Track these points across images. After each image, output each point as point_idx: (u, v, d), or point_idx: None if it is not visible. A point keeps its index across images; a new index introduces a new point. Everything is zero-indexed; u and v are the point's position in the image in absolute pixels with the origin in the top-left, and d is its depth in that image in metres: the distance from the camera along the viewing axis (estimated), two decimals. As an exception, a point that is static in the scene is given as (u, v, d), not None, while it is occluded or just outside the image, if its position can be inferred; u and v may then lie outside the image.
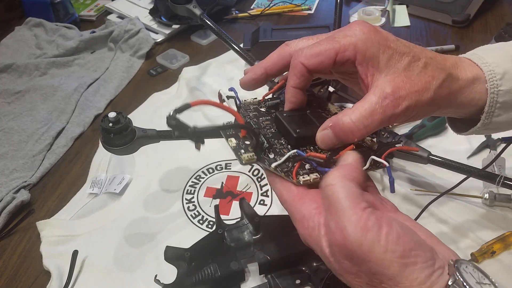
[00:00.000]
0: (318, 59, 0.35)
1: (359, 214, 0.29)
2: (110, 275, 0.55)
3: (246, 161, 0.35)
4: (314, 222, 0.32)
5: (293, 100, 0.38)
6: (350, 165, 0.32)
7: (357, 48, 0.34)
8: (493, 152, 0.63)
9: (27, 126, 0.79)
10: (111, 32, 0.98)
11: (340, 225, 0.29)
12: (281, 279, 0.51)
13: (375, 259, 0.28)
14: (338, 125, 0.34)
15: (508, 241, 0.53)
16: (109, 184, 0.66)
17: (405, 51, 0.34)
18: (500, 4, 1.02)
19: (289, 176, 0.34)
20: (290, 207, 0.34)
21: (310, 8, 1.08)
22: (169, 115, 0.33)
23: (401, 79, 0.33)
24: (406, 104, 0.33)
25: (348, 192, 0.30)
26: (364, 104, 0.33)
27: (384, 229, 0.28)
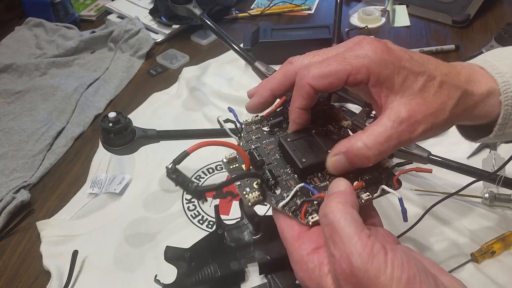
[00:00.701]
0: (327, 81, 0.33)
1: (364, 240, 0.28)
2: (110, 275, 0.55)
3: (253, 203, 0.34)
4: (313, 263, 0.31)
5: (298, 122, 0.37)
6: (345, 192, 0.32)
7: (370, 70, 0.32)
8: (493, 152, 0.63)
9: (27, 126, 0.79)
10: (111, 32, 0.98)
11: (346, 252, 0.28)
12: (281, 279, 0.51)
13: (381, 286, 0.27)
14: (352, 151, 0.33)
15: (508, 241, 0.53)
16: (109, 184, 0.66)
17: (420, 70, 0.33)
18: (500, 4, 1.02)
19: (298, 216, 0.33)
20: (289, 247, 0.33)
21: (310, 8, 1.08)
22: (169, 169, 0.32)
23: (416, 102, 0.32)
24: (423, 128, 0.32)
25: (351, 218, 0.29)
26: (379, 129, 0.32)
27: (389, 255, 0.28)
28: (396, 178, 0.35)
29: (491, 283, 0.50)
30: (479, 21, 0.96)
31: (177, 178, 0.32)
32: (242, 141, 0.39)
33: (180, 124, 0.77)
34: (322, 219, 0.31)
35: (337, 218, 0.29)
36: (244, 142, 0.39)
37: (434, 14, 0.98)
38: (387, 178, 0.36)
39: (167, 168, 0.32)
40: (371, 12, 0.99)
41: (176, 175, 0.32)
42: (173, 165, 0.32)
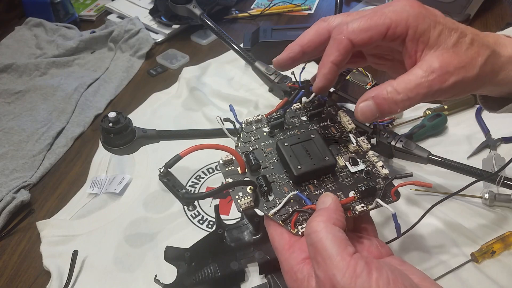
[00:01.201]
0: (367, 34, 0.33)
1: (347, 260, 0.28)
2: (110, 275, 0.55)
3: (244, 209, 0.34)
4: (302, 273, 0.31)
5: (328, 77, 0.35)
6: (330, 209, 0.31)
7: (408, 23, 0.33)
8: (493, 152, 0.63)
9: (27, 126, 0.79)
10: (111, 32, 0.98)
11: (329, 274, 0.28)
12: (281, 279, 0.51)
13: None
14: (381, 95, 0.33)
15: (508, 241, 0.53)
16: (109, 184, 0.66)
17: (454, 27, 0.33)
18: (500, 4, 1.02)
19: (288, 225, 0.33)
20: (279, 255, 0.33)
21: (310, 8, 1.08)
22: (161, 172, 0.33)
23: (449, 55, 0.33)
24: (454, 79, 0.32)
25: (333, 237, 0.29)
26: (410, 76, 0.32)
27: (374, 274, 0.27)
28: (394, 190, 0.35)
29: (491, 283, 0.50)
30: (479, 21, 0.96)
31: (168, 182, 0.32)
32: (240, 142, 0.39)
33: (180, 124, 0.77)
34: (307, 238, 0.30)
35: (319, 238, 0.29)
36: (243, 143, 0.38)
37: (434, 14, 0.98)
38: (386, 189, 0.35)
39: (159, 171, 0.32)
40: (371, 12, 0.99)
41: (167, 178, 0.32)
42: (165, 168, 0.32)
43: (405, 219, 0.56)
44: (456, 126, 0.70)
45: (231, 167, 0.37)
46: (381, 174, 0.36)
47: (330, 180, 0.36)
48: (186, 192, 0.31)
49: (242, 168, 0.35)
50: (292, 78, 0.42)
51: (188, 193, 0.31)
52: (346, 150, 0.38)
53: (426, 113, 0.71)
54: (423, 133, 0.67)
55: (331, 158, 0.36)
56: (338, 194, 0.35)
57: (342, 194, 0.35)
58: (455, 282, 0.50)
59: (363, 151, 0.38)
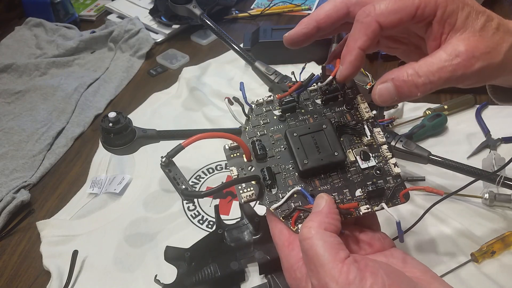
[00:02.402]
0: (397, 16, 0.31)
1: (339, 267, 0.27)
2: (110, 275, 0.55)
3: (245, 201, 0.33)
4: (301, 272, 0.30)
5: (355, 64, 0.33)
6: (323, 212, 0.30)
7: (438, 3, 0.31)
8: (493, 152, 0.63)
9: (27, 126, 0.79)
10: (111, 32, 0.98)
11: (322, 282, 0.27)
12: (281, 279, 0.51)
13: None
14: (401, 77, 0.31)
15: (508, 241, 0.53)
16: (109, 184, 0.66)
17: (481, 9, 0.32)
18: (500, 4, 1.02)
19: (288, 222, 0.32)
20: (279, 251, 0.33)
21: (310, 8, 1.08)
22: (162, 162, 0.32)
23: (476, 39, 0.31)
24: (479, 65, 0.31)
25: (324, 243, 0.28)
26: (433, 59, 0.31)
27: (368, 280, 0.27)
28: (404, 192, 0.34)
29: (491, 283, 0.50)
30: (479, 21, 0.96)
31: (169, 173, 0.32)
32: (248, 126, 0.37)
33: (180, 124, 0.77)
34: (300, 244, 0.30)
35: (310, 245, 0.29)
36: (251, 126, 0.37)
37: (434, 14, 0.97)
38: (395, 189, 0.34)
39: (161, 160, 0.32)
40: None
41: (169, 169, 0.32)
42: (166, 158, 0.32)
43: (405, 219, 0.56)
44: (456, 126, 0.70)
45: (236, 153, 0.35)
46: (393, 173, 0.35)
47: (338, 175, 0.35)
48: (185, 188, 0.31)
49: (248, 157, 0.34)
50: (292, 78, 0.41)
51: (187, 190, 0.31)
52: (360, 142, 0.36)
53: (426, 113, 0.71)
54: (423, 133, 0.67)
55: (340, 154, 0.34)
56: (344, 192, 0.34)
57: (348, 192, 0.34)
58: (455, 282, 0.50)
59: (377, 145, 0.36)
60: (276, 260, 0.51)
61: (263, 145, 0.35)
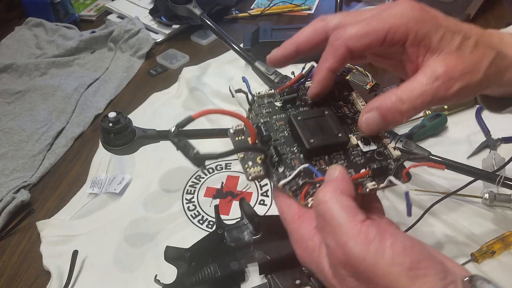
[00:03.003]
0: (365, 40, 0.32)
1: (358, 226, 0.27)
2: (110, 275, 0.55)
3: (253, 177, 0.33)
4: (314, 242, 0.30)
5: (323, 84, 0.35)
6: (338, 179, 0.30)
7: (408, 28, 0.31)
8: (493, 152, 0.63)
9: (27, 126, 0.79)
10: (111, 32, 0.98)
11: (340, 242, 0.27)
12: (281, 279, 0.51)
13: (381, 272, 0.26)
14: (385, 106, 0.31)
15: (508, 241, 0.53)
16: (109, 184, 0.66)
17: (456, 29, 0.32)
18: (500, 4, 1.02)
19: (297, 197, 0.32)
20: (289, 226, 0.32)
21: (310, 8, 1.08)
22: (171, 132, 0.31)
23: (453, 59, 0.31)
24: (459, 85, 0.31)
25: (342, 206, 0.28)
26: (414, 84, 0.31)
27: (388, 240, 0.26)
28: (406, 171, 0.34)
29: (491, 283, 0.50)
30: (479, 21, 0.96)
31: (179, 142, 0.31)
32: (251, 114, 0.37)
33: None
34: (315, 209, 0.30)
35: (327, 207, 0.28)
36: (254, 115, 0.37)
37: (434, 14, 0.98)
38: (397, 171, 0.34)
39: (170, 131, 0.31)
40: (371, 12, 0.99)
41: (178, 139, 0.31)
42: (176, 128, 0.31)
43: (405, 219, 0.56)
44: (456, 126, 0.70)
45: (241, 137, 0.35)
46: (393, 156, 0.35)
47: (341, 157, 0.35)
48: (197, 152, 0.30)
49: (253, 139, 0.34)
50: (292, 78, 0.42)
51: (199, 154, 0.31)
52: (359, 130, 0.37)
53: (426, 113, 0.71)
54: (423, 133, 0.67)
55: (343, 135, 0.35)
56: (349, 171, 0.34)
57: (353, 171, 0.34)
58: (455, 282, 0.50)
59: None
60: (276, 260, 0.52)
61: (268, 128, 0.36)
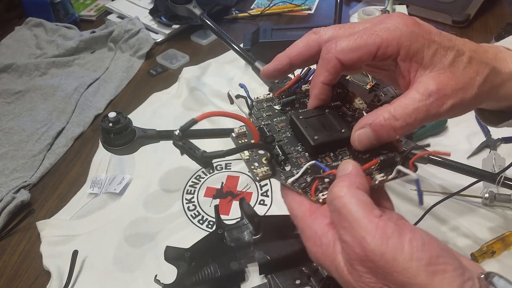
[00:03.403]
0: (356, 54, 0.32)
1: (375, 221, 0.27)
2: (110, 275, 0.55)
3: (261, 178, 0.33)
4: (328, 238, 0.29)
5: (320, 97, 0.35)
6: (352, 174, 0.30)
7: (400, 43, 0.31)
8: (493, 152, 0.63)
9: (27, 126, 0.79)
10: (111, 32, 0.98)
11: (358, 237, 0.26)
12: (281, 279, 0.51)
13: (400, 268, 0.25)
14: (378, 123, 0.31)
15: (508, 241, 0.53)
16: (109, 184, 0.66)
17: (450, 45, 0.32)
18: (500, 4, 1.02)
19: (308, 193, 0.32)
20: (300, 223, 0.32)
21: (310, 8, 1.08)
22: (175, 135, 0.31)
23: (446, 76, 0.31)
24: (451, 102, 0.31)
25: (358, 201, 0.28)
26: (407, 101, 0.31)
27: (407, 235, 0.26)
28: (412, 161, 0.34)
29: (491, 283, 0.50)
30: (479, 21, 0.96)
31: (184, 146, 0.31)
32: (252, 118, 0.37)
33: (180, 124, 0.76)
34: (330, 205, 0.29)
35: (343, 203, 0.28)
36: (255, 119, 0.37)
37: (434, 14, 0.98)
38: (403, 162, 0.34)
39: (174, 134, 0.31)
40: (371, 12, 0.99)
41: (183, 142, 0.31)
42: (180, 132, 0.31)
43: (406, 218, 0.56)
44: (456, 126, 0.70)
45: (244, 140, 0.36)
46: (397, 149, 0.35)
47: (347, 153, 0.35)
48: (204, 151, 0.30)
49: (256, 140, 0.34)
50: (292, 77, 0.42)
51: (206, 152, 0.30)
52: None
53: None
54: (423, 133, 0.67)
55: (347, 130, 0.34)
56: None
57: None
58: (455, 282, 0.50)
59: None
60: (276, 260, 0.52)
61: (270, 130, 0.36)
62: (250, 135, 0.35)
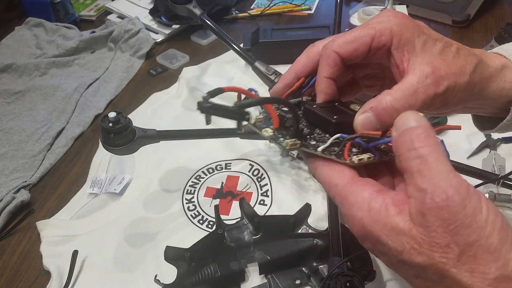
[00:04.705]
0: (352, 45, 0.34)
1: (460, 179, 0.26)
2: (110, 275, 0.55)
3: (290, 147, 0.32)
4: (378, 203, 0.28)
5: (327, 91, 0.36)
6: (426, 127, 0.29)
7: (393, 32, 0.33)
8: (493, 152, 0.63)
9: (27, 126, 0.79)
10: (111, 32, 0.98)
11: (442, 186, 0.26)
12: (281, 279, 0.51)
13: (476, 226, 0.25)
14: (380, 106, 0.32)
15: (508, 241, 0.53)
16: (109, 184, 0.66)
17: (438, 37, 0.34)
18: (500, 4, 1.02)
19: (341, 158, 0.31)
20: (342, 191, 0.30)
21: (310, 8, 1.08)
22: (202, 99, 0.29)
23: (438, 61, 0.33)
24: (447, 84, 0.32)
25: (444, 157, 0.27)
26: (405, 84, 0.32)
27: (483, 198, 0.26)
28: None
29: (491, 283, 0.50)
30: (479, 21, 0.96)
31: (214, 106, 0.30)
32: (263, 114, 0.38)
33: (180, 124, 0.77)
34: (409, 152, 0.28)
35: (429, 151, 0.27)
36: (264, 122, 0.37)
37: (434, 14, 0.98)
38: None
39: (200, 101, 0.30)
40: (371, 12, 0.99)
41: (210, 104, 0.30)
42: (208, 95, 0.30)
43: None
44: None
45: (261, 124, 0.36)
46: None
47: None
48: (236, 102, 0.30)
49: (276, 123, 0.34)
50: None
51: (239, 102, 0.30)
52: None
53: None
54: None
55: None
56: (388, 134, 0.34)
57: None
58: (455, 282, 0.50)
59: None
60: (276, 260, 0.52)
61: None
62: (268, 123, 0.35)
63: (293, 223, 0.55)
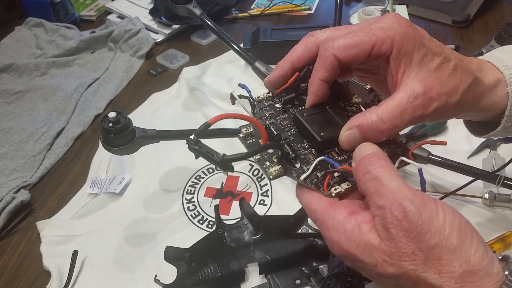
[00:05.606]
0: (352, 51, 0.33)
1: (413, 190, 0.28)
2: (110, 275, 0.55)
3: (274, 176, 0.34)
4: (351, 223, 0.30)
5: (318, 94, 0.36)
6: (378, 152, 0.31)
7: (394, 42, 0.33)
8: (493, 152, 0.63)
9: (27, 126, 0.79)
10: (111, 32, 0.98)
11: (397, 200, 0.28)
12: (281, 279, 0.51)
13: (434, 229, 0.27)
14: (366, 125, 0.33)
15: (508, 241, 0.53)
16: (109, 184, 0.66)
17: (438, 51, 0.34)
18: (500, 4, 1.02)
19: (320, 189, 0.33)
20: (320, 215, 0.32)
21: (310, 8, 1.08)
22: (190, 140, 0.32)
23: (431, 80, 0.33)
24: (436, 105, 0.33)
25: (395, 173, 0.29)
26: (394, 103, 0.32)
27: (439, 203, 0.28)
28: (411, 151, 0.35)
29: (491, 283, 0.50)
30: (479, 21, 0.96)
31: (200, 149, 0.31)
32: (256, 117, 0.38)
33: (180, 124, 0.77)
34: (364, 176, 0.30)
35: (382, 172, 0.29)
36: (258, 118, 0.38)
37: (434, 14, 0.98)
38: (402, 153, 0.35)
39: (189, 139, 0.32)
40: (371, 12, 0.99)
41: (199, 146, 0.32)
42: (195, 136, 0.32)
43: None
44: (456, 126, 0.70)
45: (251, 140, 0.37)
46: (397, 139, 0.37)
47: None
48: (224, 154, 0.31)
49: (264, 139, 0.35)
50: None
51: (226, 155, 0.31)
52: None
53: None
54: (423, 133, 0.67)
55: None
56: None
57: None
58: (455, 282, 0.50)
59: None
60: (276, 260, 0.52)
61: (276, 128, 0.37)
62: (257, 135, 0.36)
63: (293, 223, 0.55)
